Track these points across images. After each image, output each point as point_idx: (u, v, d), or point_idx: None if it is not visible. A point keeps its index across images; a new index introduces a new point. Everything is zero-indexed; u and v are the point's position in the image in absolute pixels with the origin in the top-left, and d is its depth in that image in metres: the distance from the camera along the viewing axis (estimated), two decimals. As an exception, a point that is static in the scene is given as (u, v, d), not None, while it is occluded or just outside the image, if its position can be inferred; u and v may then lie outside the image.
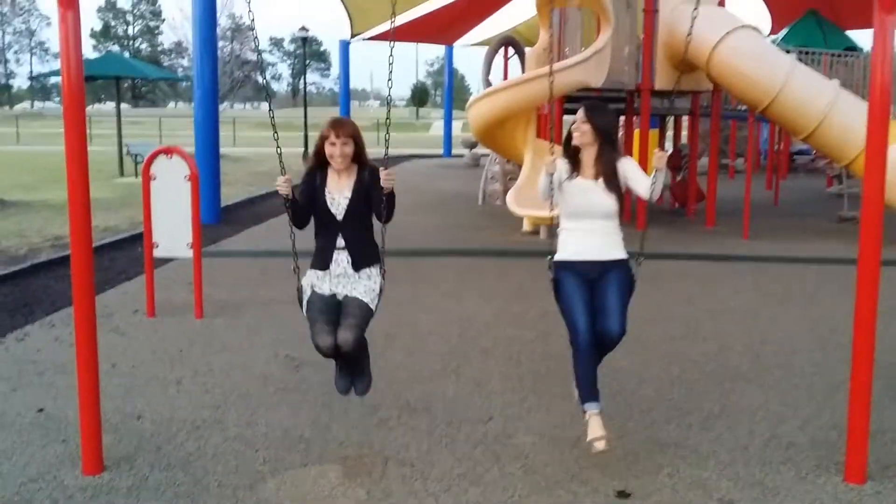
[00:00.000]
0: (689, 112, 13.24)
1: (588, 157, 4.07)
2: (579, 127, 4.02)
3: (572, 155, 4.09)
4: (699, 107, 12.98)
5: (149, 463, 3.79)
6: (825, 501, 3.45)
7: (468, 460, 3.84)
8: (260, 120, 56.83)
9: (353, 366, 3.99)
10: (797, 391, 4.84)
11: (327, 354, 3.78)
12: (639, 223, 11.40)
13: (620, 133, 15.64)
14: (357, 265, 3.94)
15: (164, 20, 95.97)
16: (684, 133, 16.64)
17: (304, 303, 3.95)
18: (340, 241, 3.96)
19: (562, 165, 4.06)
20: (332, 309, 3.86)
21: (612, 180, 4.01)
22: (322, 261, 3.98)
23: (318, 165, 4.01)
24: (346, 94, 22.35)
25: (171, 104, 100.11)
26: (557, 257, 4.04)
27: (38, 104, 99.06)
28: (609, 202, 3.98)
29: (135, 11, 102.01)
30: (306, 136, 26.59)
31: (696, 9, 4.09)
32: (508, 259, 9.23)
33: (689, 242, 10.46)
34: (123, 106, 21.25)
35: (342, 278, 3.92)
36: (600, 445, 3.64)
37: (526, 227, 11.10)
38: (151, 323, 6.30)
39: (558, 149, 4.18)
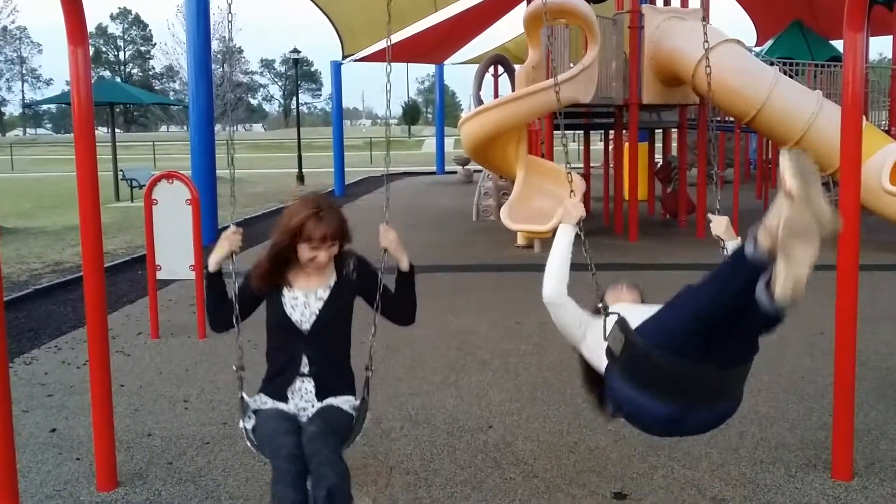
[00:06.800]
0: (676, 125, 13.50)
1: None
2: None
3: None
4: (687, 119, 13.24)
5: (161, 478, 3.92)
6: (813, 497, 3.60)
7: (470, 467, 3.97)
8: (253, 141, 57.10)
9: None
10: (786, 394, 4.99)
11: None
12: (631, 234, 11.58)
13: (610, 147, 15.85)
14: (322, 395, 2.90)
15: (154, 45, 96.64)
16: (674, 145, 16.88)
17: (250, 416, 2.86)
18: (305, 364, 2.90)
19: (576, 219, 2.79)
20: (296, 428, 2.76)
21: None
22: (276, 389, 2.93)
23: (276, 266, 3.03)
24: (338, 114, 22.55)
25: (163, 128, 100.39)
26: None
27: (30, 131, 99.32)
28: None
29: (125, 37, 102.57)
30: (300, 157, 26.77)
31: (706, 43, 3.34)
32: (503, 273, 9.38)
33: (680, 252, 10.59)
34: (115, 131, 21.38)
35: (304, 412, 2.90)
36: None
37: (520, 241, 11.26)
38: (156, 344, 6.43)
39: (577, 181, 3.02)
